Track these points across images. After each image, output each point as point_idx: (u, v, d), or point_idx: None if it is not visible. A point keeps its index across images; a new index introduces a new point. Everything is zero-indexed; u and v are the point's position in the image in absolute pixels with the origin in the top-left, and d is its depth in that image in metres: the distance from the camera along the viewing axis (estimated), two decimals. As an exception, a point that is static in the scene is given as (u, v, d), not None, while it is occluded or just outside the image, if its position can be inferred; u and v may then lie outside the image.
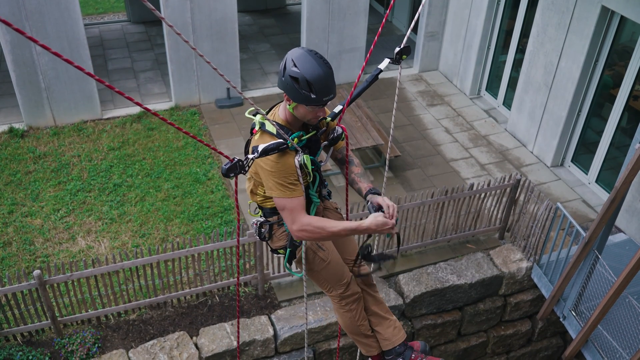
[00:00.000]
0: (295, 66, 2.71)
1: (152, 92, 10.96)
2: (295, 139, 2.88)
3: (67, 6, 9.00)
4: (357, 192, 3.25)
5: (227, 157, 2.58)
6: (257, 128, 2.94)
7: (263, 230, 3.28)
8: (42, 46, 1.73)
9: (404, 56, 2.94)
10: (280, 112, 2.97)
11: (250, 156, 2.69)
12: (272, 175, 2.87)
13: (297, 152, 2.88)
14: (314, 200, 3.18)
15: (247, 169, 2.62)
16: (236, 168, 2.57)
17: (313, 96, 2.72)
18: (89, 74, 1.93)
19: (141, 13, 13.49)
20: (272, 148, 2.75)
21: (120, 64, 11.86)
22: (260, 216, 3.32)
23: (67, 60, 1.81)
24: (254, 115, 2.95)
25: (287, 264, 3.41)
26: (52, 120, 9.82)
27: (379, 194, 3.08)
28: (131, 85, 11.09)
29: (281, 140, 2.79)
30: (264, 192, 3.10)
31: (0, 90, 10.82)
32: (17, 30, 1.62)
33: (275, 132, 2.83)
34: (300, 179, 2.91)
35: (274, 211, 3.20)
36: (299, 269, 3.42)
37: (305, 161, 2.89)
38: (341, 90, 10.17)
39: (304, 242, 3.20)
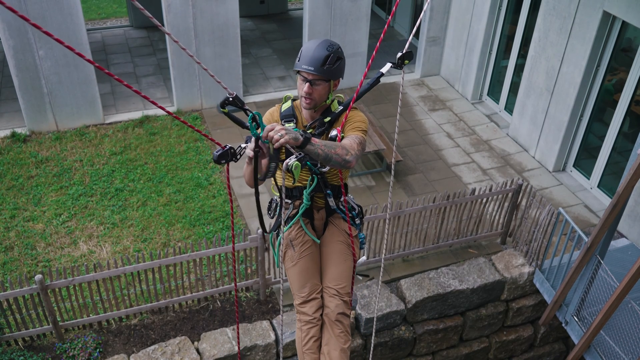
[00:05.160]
0: None
1: (154, 96, 10.97)
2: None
3: (70, 11, 9.02)
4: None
5: (218, 144, 2.54)
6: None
7: (271, 207, 3.48)
8: (68, 47, 1.73)
9: (406, 61, 2.94)
10: None
11: (242, 145, 2.70)
12: None
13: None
14: (305, 201, 3.25)
15: (238, 157, 2.57)
16: (227, 155, 2.53)
17: (297, 61, 3.03)
18: (109, 73, 1.93)
19: (143, 18, 13.53)
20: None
21: (122, 68, 11.89)
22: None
23: (94, 64, 1.82)
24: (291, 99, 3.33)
25: (272, 242, 3.54)
26: (55, 125, 9.84)
27: (309, 139, 2.59)
28: (133, 90, 11.11)
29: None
30: None
31: (3, 95, 10.86)
32: (58, 41, 1.62)
33: (280, 110, 3.24)
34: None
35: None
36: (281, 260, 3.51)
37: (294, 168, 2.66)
38: (343, 95, 10.16)
39: (282, 231, 3.32)
